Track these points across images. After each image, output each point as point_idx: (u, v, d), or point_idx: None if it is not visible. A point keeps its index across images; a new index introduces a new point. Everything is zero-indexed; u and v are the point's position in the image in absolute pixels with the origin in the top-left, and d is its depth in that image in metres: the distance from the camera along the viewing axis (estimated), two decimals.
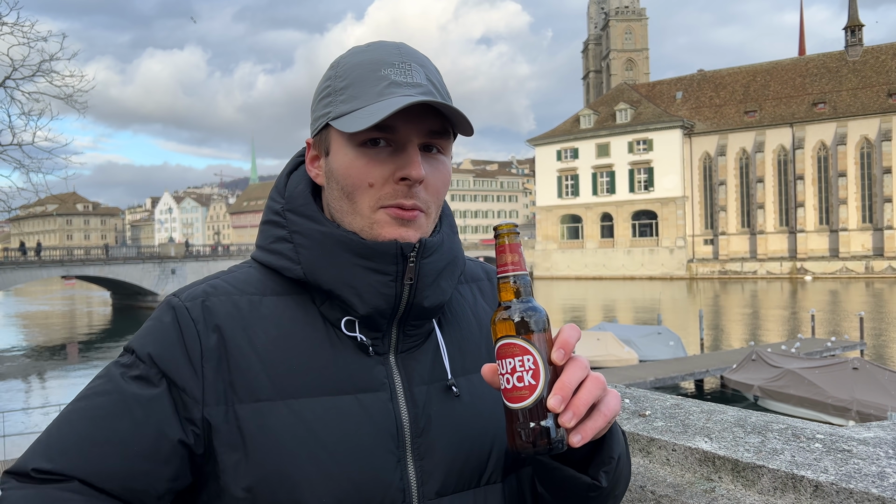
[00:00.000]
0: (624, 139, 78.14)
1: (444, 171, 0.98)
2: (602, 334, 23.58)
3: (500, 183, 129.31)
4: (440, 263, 0.99)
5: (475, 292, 1.13)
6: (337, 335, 0.96)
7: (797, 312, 40.81)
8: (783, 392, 17.49)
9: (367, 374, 0.95)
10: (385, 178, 0.93)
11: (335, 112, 0.94)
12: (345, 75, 0.96)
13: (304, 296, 0.98)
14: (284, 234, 0.99)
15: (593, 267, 78.59)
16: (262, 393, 0.90)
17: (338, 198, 0.97)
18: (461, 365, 1.02)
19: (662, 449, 1.62)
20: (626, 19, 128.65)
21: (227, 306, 0.95)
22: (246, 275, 1.01)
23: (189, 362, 0.90)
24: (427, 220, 0.97)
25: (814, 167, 70.99)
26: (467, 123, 0.93)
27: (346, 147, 0.94)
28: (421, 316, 0.99)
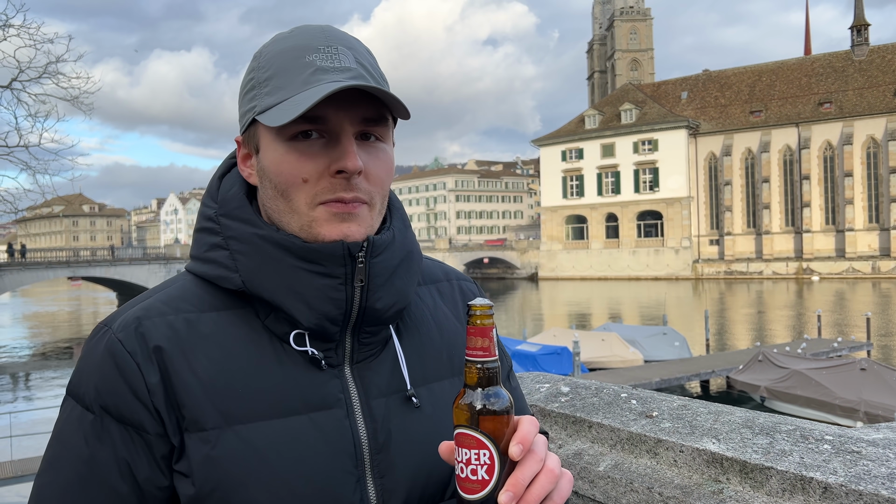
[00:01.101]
0: (629, 139, 78.03)
1: (386, 159, 0.91)
2: (607, 335, 23.55)
3: (505, 183, 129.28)
4: (392, 261, 0.92)
5: (434, 294, 1.07)
6: (285, 350, 0.89)
7: (803, 313, 40.69)
8: (790, 393, 17.43)
9: (321, 390, 0.88)
10: (320, 173, 0.86)
11: (260, 106, 0.88)
12: (267, 65, 0.89)
13: (247, 309, 0.90)
14: (219, 241, 0.92)
15: (598, 267, 78.48)
16: (206, 421, 0.84)
17: (272, 197, 0.90)
18: (421, 374, 0.96)
19: (670, 450, 1.62)
20: (631, 19, 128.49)
21: (161, 329, 0.87)
22: (181, 290, 0.93)
23: (137, 400, 0.83)
24: (371, 212, 0.90)
25: (820, 167, 70.77)
26: (401, 106, 0.86)
27: (275, 142, 0.87)
28: (376, 321, 0.92)
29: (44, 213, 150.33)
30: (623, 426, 1.75)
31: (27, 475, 11.76)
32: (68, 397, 0.88)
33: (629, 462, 1.70)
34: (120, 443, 0.83)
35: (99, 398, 0.84)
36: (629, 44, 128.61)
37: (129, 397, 0.83)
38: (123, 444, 0.83)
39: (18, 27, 19.42)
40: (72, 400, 0.87)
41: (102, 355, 0.86)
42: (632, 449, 1.71)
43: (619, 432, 1.75)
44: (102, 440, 0.83)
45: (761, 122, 73.92)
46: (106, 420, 0.83)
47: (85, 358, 0.88)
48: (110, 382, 0.84)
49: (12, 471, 11.82)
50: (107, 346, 0.86)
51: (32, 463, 12.21)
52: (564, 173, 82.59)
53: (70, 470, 0.84)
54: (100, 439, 0.83)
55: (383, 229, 0.94)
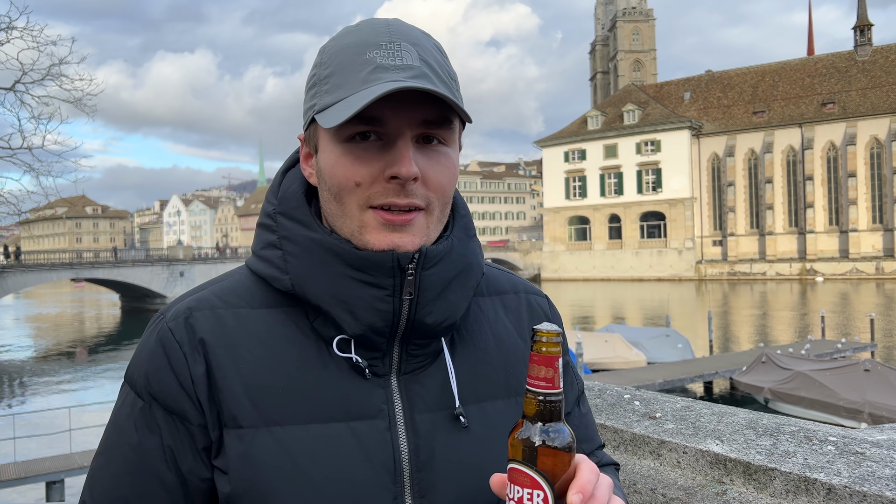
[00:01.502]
0: (632, 140, 77.94)
1: (448, 164, 0.86)
2: (610, 336, 23.52)
3: (508, 184, 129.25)
4: (447, 274, 0.87)
5: (497, 307, 1.00)
6: (331, 354, 0.86)
7: (807, 314, 40.59)
8: (794, 394, 17.39)
9: (363, 399, 0.85)
10: (374, 177, 0.82)
11: (319, 104, 0.84)
12: (329, 61, 0.85)
13: (297, 309, 0.88)
14: (274, 240, 0.90)
15: (601, 268, 78.38)
16: (244, 419, 0.82)
17: (328, 200, 0.87)
18: (473, 391, 0.91)
19: (673, 451, 1.61)
20: (634, 20, 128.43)
21: (211, 321, 0.86)
22: (236, 284, 0.92)
23: (182, 390, 0.83)
24: (428, 220, 0.86)
25: (823, 168, 70.63)
26: (460, 110, 0.82)
27: (332, 143, 0.84)
28: (425, 334, 0.88)
29: (47, 214, 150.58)
30: (626, 427, 1.75)
31: (30, 476, 11.77)
32: (125, 383, 0.89)
33: (633, 463, 1.69)
34: (166, 431, 0.83)
35: (149, 386, 0.85)
36: (632, 44, 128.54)
37: (175, 387, 0.84)
38: (169, 433, 0.83)
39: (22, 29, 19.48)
40: (127, 386, 0.88)
41: (154, 343, 0.86)
42: (635, 450, 1.71)
43: (622, 433, 1.75)
44: (151, 428, 0.84)
45: (764, 123, 73.80)
46: (154, 408, 0.84)
47: (141, 345, 0.89)
48: (160, 371, 0.85)
49: (15, 472, 11.83)
50: (159, 334, 0.87)
51: (35, 464, 12.22)
52: (567, 174, 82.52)
53: (120, 456, 0.85)
54: (148, 427, 0.84)
55: (442, 238, 0.89)
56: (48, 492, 11.85)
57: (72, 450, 13.13)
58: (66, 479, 11.99)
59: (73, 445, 13.36)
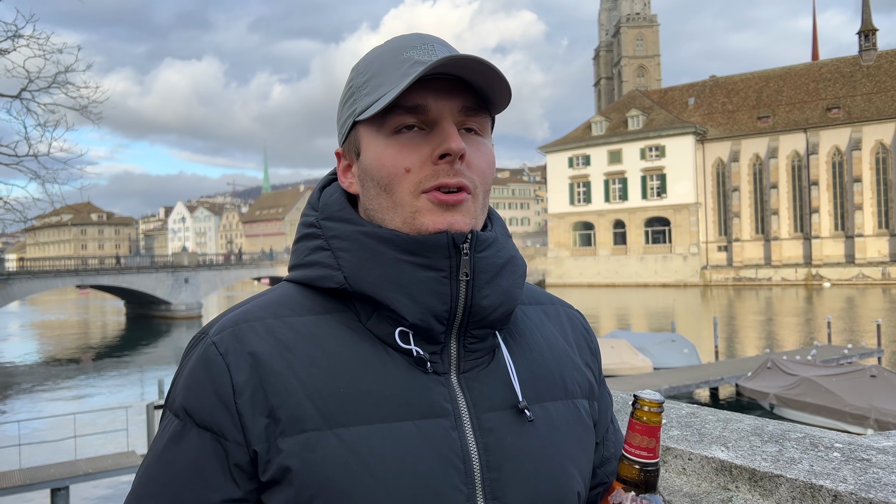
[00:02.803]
0: (636, 146, 77.92)
1: (487, 152, 0.89)
2: (616, 342, 23.45)
3: (512, 190, 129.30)
4: (498, 260, 0.88)
5: (540, 315, 1.02)
6: (388, 353, 0.85)
7: (813, 319, 40.44)
8: (800, 400, 17.31)
9: (427, 395, 0.83)
10: (423, 161, 0.84)
11: (360, 107, 0.87)
12: (365, 70, 0.89)
13: (347, 312, 0.88)
14: (321, 243, 0.90)
15: (606, 274, 78.27)
16: (306, 422, 0.79)
17: (375, 196, 0.87)
18: (534, 391, 0.90)
19: (678, 458, 1.61)
20: (638, 26, 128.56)
21: (260, 332, 0.84)
22: (279, 296, 0.90)
23: (219, 401, 0.80)
24: (475, 203, 0.87)
25: (828, 172, 70.47)
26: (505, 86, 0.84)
27: (377, 139, 0.86)
28: (482, 322, 0.87)
29: (52, 221, 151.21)
30: None
31: (35, 483, 11.77)
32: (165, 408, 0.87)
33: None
34: (196, 449, 0.80)
35: (185, 401, 0.82)
36: (635, 50, 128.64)
37: (211, 399, 0.81)
38: (199, 451, 0.80)
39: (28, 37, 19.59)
40: (167, 409, 0.86)
41: (195, 360, 0.84)
42: None
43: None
44: (180, 445, 0.81)
45: (769, 128, 73.69)
46: (188, 425, 0.81)
47: (181, 366, 0.87)
48: (197, 385, 0.82)
49: (20, 479, 11.83)
50: (201, 350, 0.84)
51: (40, 471, 12.22)
52: (571, 180, 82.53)
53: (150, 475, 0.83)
54: (178, 445, 0.81)
55: (486, 229, 0.92)
56: (53, 499, 11.84)
57: (77, 456, 13.14)
58: (71, 485, 11.99)
59: (78, 452, 13.37)
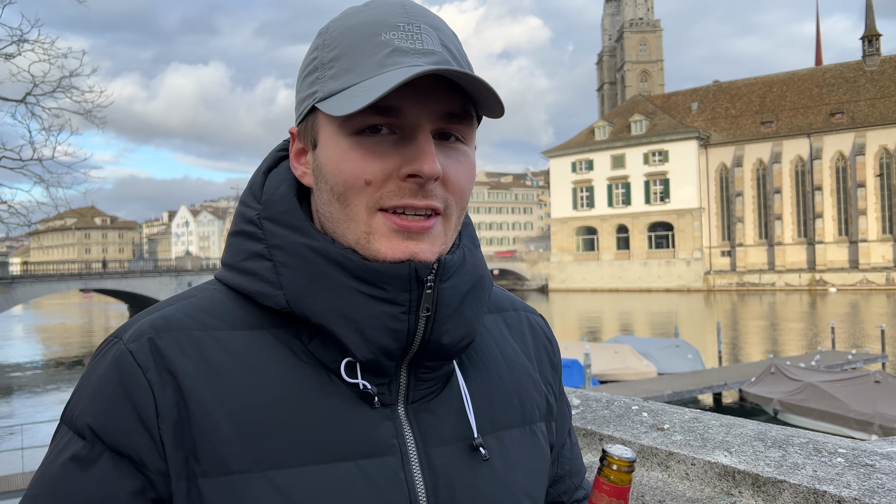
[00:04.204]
0: (639, 150, 77.93)
1: (468, 164, 0.76)
2: (620, 347, 23.43)
3: (515, 195, 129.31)
4: (463, 286, 0.77)
5: (500, 325, 0.91)
6: (331, 381, 0.74)
7: (816, 325, 40.34)
8: (803, 406, 17.27)
9: (372, 432, 0.73)
10: (387, 174, 0.71)
11: (323, 91, 0.73)
12: (334, 43, 0.74)
13: (287, 329, 0.76)
14: (261, 250, 0.76)
15: (609, 279, 78.20)
16: (233, 463, 0.68)
17: (328, 202, 0.75)
18: (490, 420, 0.81)
19: (681, 463, 1.60)
20: (641, 31, 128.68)
21: (184, 346, 0.72)
22: (209, 301, 0.78)
23: (140, 424, 0.68)
24: (446, 227, 0.75)
25: (832, 178, 70.40)
26: (496, 100, 0.72)
27: (337, 136, 0.72)
28: (439, 356, 0.77)
29: (56, 225, 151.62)
30: (634, 439, 1.74)
31: None
32: (61, 424, 0.73)
33: (640, 475, 1.68)
34: (107, 478, 0.68)
35: (94, 420, 0.69)
36: (639, 55, 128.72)
37: (130, 420, 0.68)
38: (110, 481, 0.68)
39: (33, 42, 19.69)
40: (64, 426, 0.72)
41: (107, 370, 0.71)
42: (643, 462, 1.70)
43: (630, 445, 1.74)
44: (88, 472, 0.68)
45: (772, 133, 73.67)
46: (97, 448, 0.69)
47: (86, 375, 0.73)
48: (111, 401, 0.69)
49: (23, 483, 11.86)
50: (113, 358, 0.71)
51: None
52: (575, 184, 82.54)
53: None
54: (84, 471, 0.68)
55: (453, 248, 0.79)
56: None
57: None
58: None
59: None
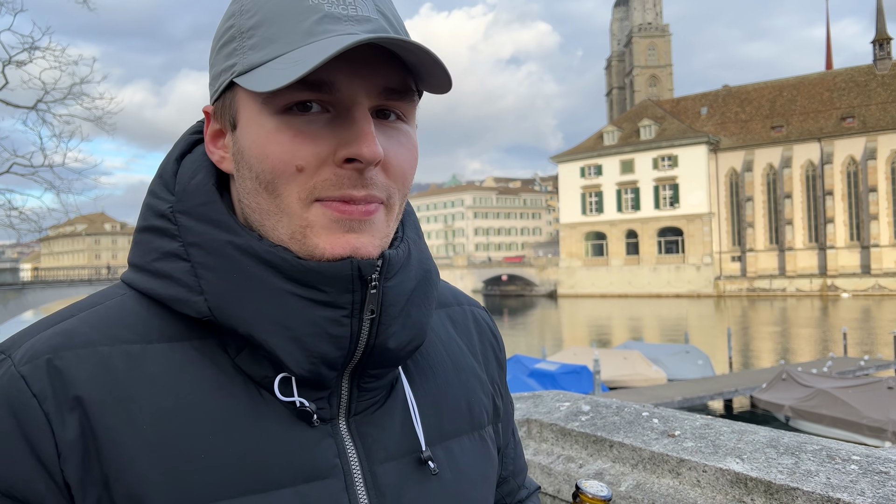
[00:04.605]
0: (648, 155, 77.75)
1: (410, 145, 0.68)
2: (629, 353, 23.34)
3: (524, 200, 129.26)
4: (408, 284, 0.69)
5: (446, 323, 0.84)
6: (262, 398, 0.65)
7: (828, 331, 40.06)
8: (816, 412, 17.14)
9: (312, 453, 0.65)
10: (321, 159, 0.62)
11: (242, 64, 0.63)
12: (255, 8, 0.64)
13: (210, 341, 0.66)
14: (176, 249, 0.67)
15: (618, 284, 77.94)
16: (152, 498, 0.60)
17: (253, 191, 0.65)
18: (438, 429, 0.75)
19: (693, 470, 1.59)
20: (650, 35, 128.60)
21: (90, 366, 0.62)
22: (117, 310, 0.67)
23: (38, 465, 0.59)
24: (388, 217, 0.67)
25: (843, 182, 70.00)
26: (442, 71, 0.62)
27: (260, 115, 0.63)
28: (384, 363, 0.69)
29: (67, 231, 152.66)
30: (645, 445, 1.73)
31: None
32: None
33: (651, 482, 1.67)
34: None
35: None
36: (647, 60, 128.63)
37: (25, 464, 0.59)
38: None
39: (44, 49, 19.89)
40: None
41: None
42: (654, 469, 1.69)
43: (640, 452, 1.73)
44: None
45: (783, 138, 73.36)
46: None
47: None
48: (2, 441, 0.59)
49: None
50: (2, 386, 0.60)
51: None
52: (583, 190, 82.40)
53: None
54: None
55: (395, 241, 0.72)
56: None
57: None
58: None
59: None
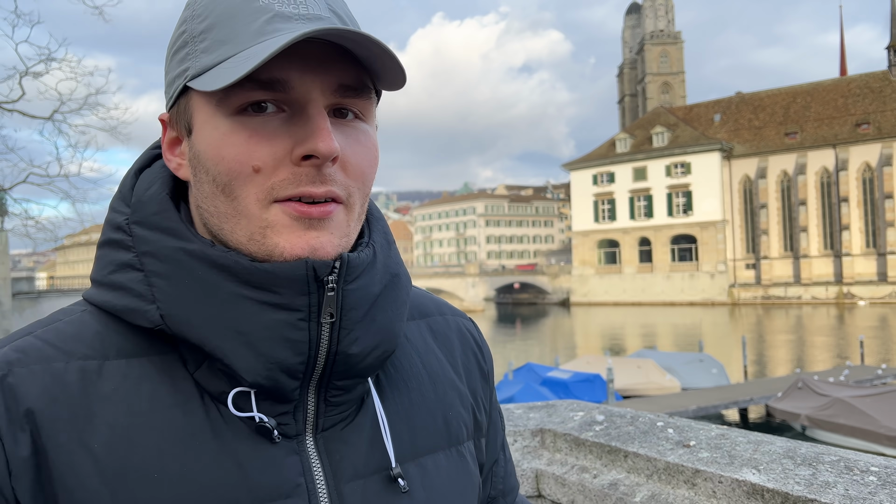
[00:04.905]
0: (661, 163, 77.53)
1: (369, 144, 0.67)
2: (643, 361, 23.22)
3: (536, 208, 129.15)
4: (373, 288, 0.67)
5: (424, 333, 0.82)
6: (222, 415, 0.63)
7: (844, 339, 39.66)
8: (832, 421, 16.96)
9: (274, 472, 0.63)
10: (278, 159, 0.61)
11: (195, 68, 0.63)
12: (205, 12, 0.64)
13: (170, 356, 0.65)
14: (130, 259, 0.66)
15: (632, 292, 77.61)
16: None
17: (210, 195, 0.64)
18: (410, 445, 0.72)
19: (708, 481, 1.58)
20: (662, 42, 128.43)
21: (43, 382, 0.61)
22: (76, 326, 0.66)
23: None
24: (348, 216, 0.66)
25: (858, 189, 69.44)
26: (395, 65, 0.62)
27: (215, 118, 0.62)
28: (351, 372, 0.67)
29: (82, 240, 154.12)
30: (660, 456, 1.71)
31: None
32: None
33: (666, 493, 1.66)
34: None
35: None
36: (660, 67, 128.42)
37: None
38: None
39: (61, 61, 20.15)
40: None
41: None
42: (669, 479, 1.67)
43: (655, 462, 1.72)
44: None
45: (797, 144, 72.93)
46: None
47: None
48: None
49: None
50: None
51: None
52: (596, 197, 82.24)
53: None
54: None
55: (360, 245, 0.70)
56: None
57: None
58: None
59: None
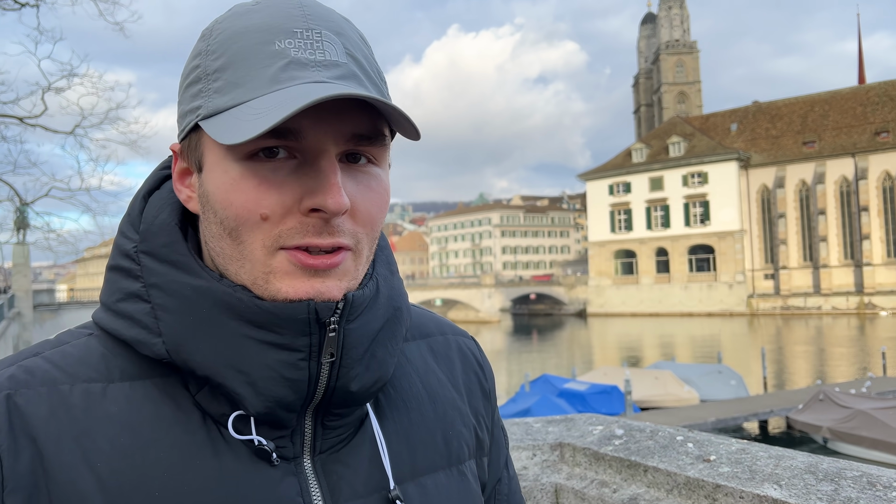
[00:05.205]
0: (678, 172, 77.18)
1: (380, 190, 0.67)
2: (660, 373, 23.04)
3: (551, 218, 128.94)
4: (374, 324, 0.68)
5: (424, 353, 0.83)
6: (223, 436, 0.65)
7: (866, 350, 39.11)
8: (855, 434, 16.72)
9: (273, 493, 0.64)
10: (287, 208, 0.62)
11: (207, 108, 0.63)
12: (220, 49, 0.64)
13: (172, 379, 0.66)
14: (138, 289, 0.67)
15: (649, 303, 77.11)
16: None
17: (217, 236, 0.65)
18: (410, 465, 0.73)
19: (729, 496, 1.57)
20: (677, 52, 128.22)
21: (48, 404, 0.62)
22: (82, 349, 0.68)
23: None
24: (356, 262, 0.66)
25: (879, 197, 68.67)
26: (410, 125, 0.63)
27: (225, 161, 0.63)
28: (347, 403, 0.68)
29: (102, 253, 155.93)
30: (680, 470, 1.71)
31: None
32: None
33: None
34: None
35: None
36: (675, 77, 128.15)
37: None
38: None
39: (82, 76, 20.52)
40: None
41: None
42: (689, 494, 1.67)
43: (675, 477, 1.72)
44: None
45: (815, 153, 72.33)
46: None
47: None
48: None
49: None
50: None
51: None
52: (612, 207, 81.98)
53: None
54: None
55: (364, 279, 0.70)
56: None
57: None
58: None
59: None
